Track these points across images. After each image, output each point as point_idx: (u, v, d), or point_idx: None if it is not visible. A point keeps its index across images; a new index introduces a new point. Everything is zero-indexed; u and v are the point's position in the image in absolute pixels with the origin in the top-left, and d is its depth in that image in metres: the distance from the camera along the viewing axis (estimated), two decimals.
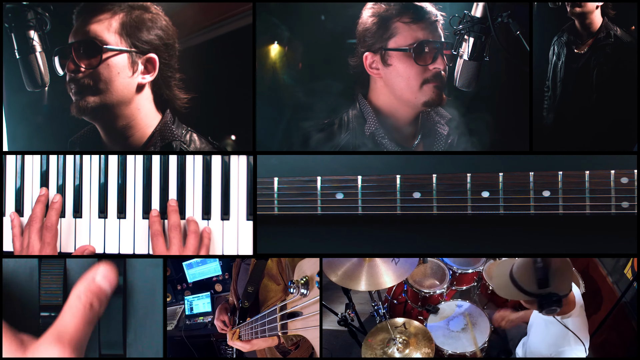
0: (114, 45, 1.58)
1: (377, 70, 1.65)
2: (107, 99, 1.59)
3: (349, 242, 1.45)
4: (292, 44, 1.70)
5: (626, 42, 1.71)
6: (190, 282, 3.09)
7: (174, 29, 1.65)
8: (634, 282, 2.14)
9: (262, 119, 1.63)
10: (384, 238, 1.41)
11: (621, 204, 1.29)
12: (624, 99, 1.69)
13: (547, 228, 1.37)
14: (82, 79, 1.58)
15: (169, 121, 1.65)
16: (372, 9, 1.63)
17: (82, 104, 1.58)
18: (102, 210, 1.63)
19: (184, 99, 1.67)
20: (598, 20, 1.73)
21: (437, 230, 1.40)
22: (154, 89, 1.65)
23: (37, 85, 1.66)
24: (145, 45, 1.60)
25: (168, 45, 1.64)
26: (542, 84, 1.77)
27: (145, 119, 1.64)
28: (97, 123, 1.65)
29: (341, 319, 2.21)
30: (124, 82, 1.60)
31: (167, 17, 1.65)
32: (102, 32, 1.58)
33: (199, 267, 3.07)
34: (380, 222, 1.37)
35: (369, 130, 1.66)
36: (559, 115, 1.76)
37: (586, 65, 1.74)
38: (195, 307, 3.05)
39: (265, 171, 1.46)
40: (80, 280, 1.08)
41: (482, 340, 2.14)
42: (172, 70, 1.65)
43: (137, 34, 1.59)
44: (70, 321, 1.03)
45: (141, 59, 1.60)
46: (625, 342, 2.22)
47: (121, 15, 1.59)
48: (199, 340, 2.86)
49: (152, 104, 1.66)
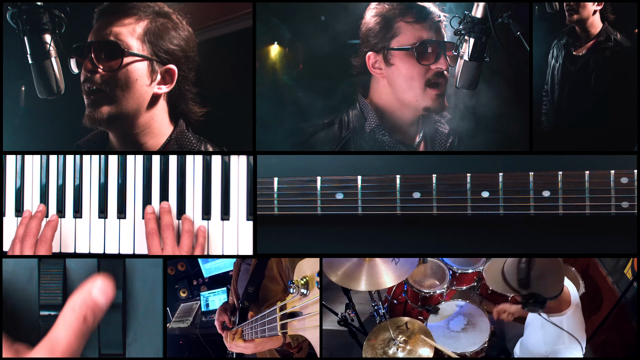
0: (135, 49, 1.55)
1: (380, 70, 1.65)
2: (122, 108, 1.56)
3: (349, 242, 1.45)
4: (292, 44, 1.70)
5: (625, 46, 1.71)
6: (206, 277, 3.04)
7: (195, 40, 1.62)
8: (634, 282, 2.14)
9: (262, 119, 1.63)
10: (384, 238, 1.41)
11: (621, 204, 1.29)
12: (622, 103, 1.69)
13: (547, 228, 1.37)
14: (99, 82, 1.54)
15: (185, 130, 1.64)
16: (375, 9, 1.63)
17: (97, 116, 1.54)
18: (102, 210, 1.63)
19: (199, 113, 1.65)
20: (598, 25, 1.74)
21: (437, 230, 1.40)
22: (169, 101, 1.63)
23: (52, 93, 1.58)
24: (166, 55, 1.57)
25: (189, 57, 1.61)
26: (541, 89, 1.77)
27: (159, 128, 1.63)
28: (111, 131, 1.63)
29: (341, 319, 2.21)
30: (140, 90, 1.57)
31: (190, 28, 1.62)
32: (125, 36, 1.54)
33: (215, 261, 3.02)
34: (380, 222, 1.37)
35: (369, 128, 1.66)
36: (557, 119, 1.76)
37: (584, 67, 1.74)
38: (212, 303, 2.99)
39: (265, 171, 1.46)
40: (77, 292, 1.06)
41: (481, 340, 2.14)
42: (189, 84, 1.63)
43: (159, 43, 1.56)
44: (63, 333, 1.02)
45: (161, 68, 1.58)
46: (625, 342, 2.22)
47: (146, 22, 1.56)
48: (215, 338, 2.74)
49: (167, 114, 1.64)
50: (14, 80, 1.67)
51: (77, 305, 1.04)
